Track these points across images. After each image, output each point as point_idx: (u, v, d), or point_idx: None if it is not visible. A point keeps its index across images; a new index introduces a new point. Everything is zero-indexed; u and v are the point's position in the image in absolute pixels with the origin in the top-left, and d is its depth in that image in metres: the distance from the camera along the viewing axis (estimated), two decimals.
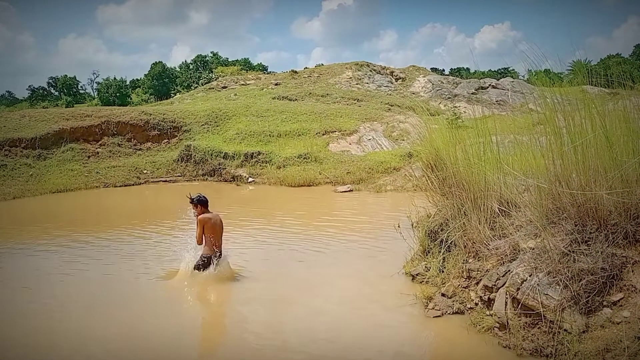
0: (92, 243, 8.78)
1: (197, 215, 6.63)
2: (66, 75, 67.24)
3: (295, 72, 29.84)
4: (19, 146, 16.10)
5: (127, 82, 68.85)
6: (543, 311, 4.35)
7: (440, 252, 6.17)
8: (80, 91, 69.67)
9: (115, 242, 8.58)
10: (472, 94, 26.58)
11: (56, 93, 66.08)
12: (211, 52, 75.33)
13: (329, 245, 8.42)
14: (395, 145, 17.58)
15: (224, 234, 6.80)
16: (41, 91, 65.84)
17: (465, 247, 5.77)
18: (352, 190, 13.88)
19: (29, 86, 71.58)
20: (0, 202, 13.37)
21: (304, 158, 16.25)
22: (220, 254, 6.59)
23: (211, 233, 6.56)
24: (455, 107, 22.80)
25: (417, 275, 6.37)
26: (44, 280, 6.94)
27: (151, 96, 61.70)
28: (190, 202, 6.67)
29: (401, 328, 5.35)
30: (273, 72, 44.64)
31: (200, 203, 6.69)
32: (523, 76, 26.98)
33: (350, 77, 28.15)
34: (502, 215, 5.47)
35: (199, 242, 6.59)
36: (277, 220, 10.52)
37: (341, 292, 6.33)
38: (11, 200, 13.57)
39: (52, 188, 14.63)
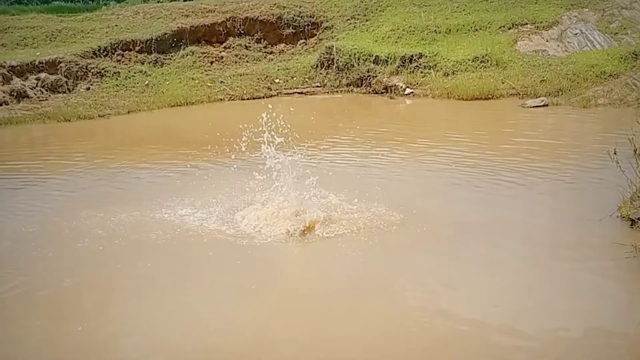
0: (208, 169, 9.44)
1: None
2: None
3: None
4: (132, 49, 17.49)
5: None
6: None
7: None
8: None
9: (240, 169, 8.99)
10: None
11: None
12: None
13: (513, 176, 8.20)
14: (613, 42, 16.19)
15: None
16: None
17: None
18: (547, 105, 13.21)
19: None
20: (114, 116, 14.78)
21: (481, 62, 15.65)
22: None
23: None
24: None
25: (638, 219, 6.03)
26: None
27: None
28: None
29: (611, 290, 5.11)
30: None
31: None
32: None
33: None
34: None
35: None
36: (444, 143, 10.42)
37: (528, 239, 6.18)
38: (125, 115, 14.94)
39: (170, 101, 15.79)
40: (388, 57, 16.51)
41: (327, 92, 16.72)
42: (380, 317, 4.85)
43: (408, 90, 15.61)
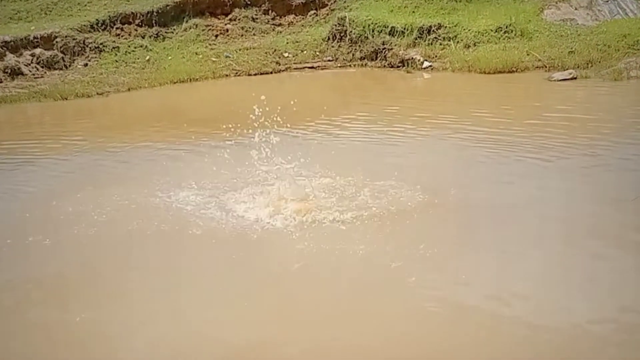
0: (212, 148, 9.35)
1: None
2: None
3: None
4: (132, 23, 17.44)
5: None
6: None
7: None
8: None
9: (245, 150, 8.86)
10: None
11: None
12: None
13: (540, 153, 8.12)
14: None
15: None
16: None
17: None
18: (575, 78, 13.04)
19: None
20: (113, 93, 14.80)
21: (504, 32, 15.47)
22: None
23: None
24: None
25: None
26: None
27: None
28: None
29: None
30: None
31: None
32: None
33: None
34: None
35: None
36: (466, 119, 10.35)
37: (555, 220, 6.11)
38: (125, 92, 14.94)
39: (172, 77, 15.75)
40: (404, 28, 16.33)
41: (340, 67, 16.58)
42: (396, 311, 4.78)
43: (426, 64, 15.46)
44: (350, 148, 8.99)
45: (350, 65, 16.55)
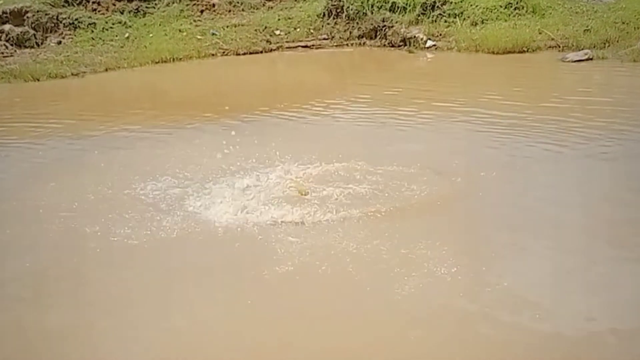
0: (196, 134, 9.30)
1: None
2: None
3: None
4: None
5: None
6: None
7: None
8: None
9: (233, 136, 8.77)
10: None
11: None
12: None
13: (555, 138, 8.13)
14: None
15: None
16: None
17: None
18: (591, 59, 13.00)
19: None
20: (89, 74, 14.55)
21: (514, 8, 15.34)
22: None
23: None
24: None
25: None
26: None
27: None
28: None
29: None
30: None
31: None
32: None
33: None
34: None
35: None
36: (474, 102, 10.28)
37: (573, 215, 6.08)
38: (103, 73, 14.73)
39: (154, 56, 15.51)
40: (406, 4, 16.17)
41: (336, 46, 16.36)
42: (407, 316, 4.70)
43: (430, 43, 15.35)
44: (350, 133, 8.93)
45: (347, 44, 16.33)
